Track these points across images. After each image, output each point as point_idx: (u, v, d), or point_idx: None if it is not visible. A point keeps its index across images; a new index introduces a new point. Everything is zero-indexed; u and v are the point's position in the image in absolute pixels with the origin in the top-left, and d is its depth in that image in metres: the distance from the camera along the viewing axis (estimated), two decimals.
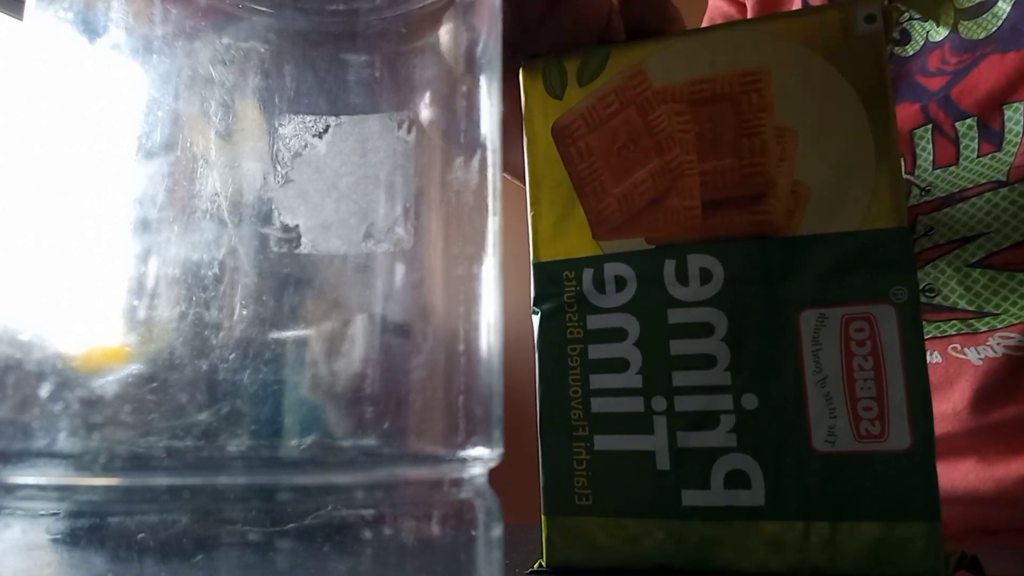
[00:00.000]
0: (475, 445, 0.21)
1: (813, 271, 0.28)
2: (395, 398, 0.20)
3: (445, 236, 0.22)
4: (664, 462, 0.29)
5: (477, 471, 0.21)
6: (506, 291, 0.23)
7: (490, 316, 0.22)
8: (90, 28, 0.20)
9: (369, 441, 0.19)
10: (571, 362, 0.31)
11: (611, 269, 0.31)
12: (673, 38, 0.32)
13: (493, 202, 0.23)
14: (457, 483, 0.20)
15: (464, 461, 0.21)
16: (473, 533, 0.20)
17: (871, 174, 0.28)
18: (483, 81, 0.24)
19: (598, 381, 0.30)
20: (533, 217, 0.33)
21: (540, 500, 0.30)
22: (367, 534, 0.18)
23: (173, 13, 0.20)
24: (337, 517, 0.18)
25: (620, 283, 0.31)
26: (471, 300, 0.22)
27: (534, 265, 0.32)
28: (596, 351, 0.30)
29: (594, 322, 0.31)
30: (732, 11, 0.62)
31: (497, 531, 0.21)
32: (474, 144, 0.23)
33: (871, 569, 0.26)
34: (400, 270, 0.21)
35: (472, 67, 0.24)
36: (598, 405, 0.30)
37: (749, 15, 0.59)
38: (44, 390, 0.18)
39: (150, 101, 0.20)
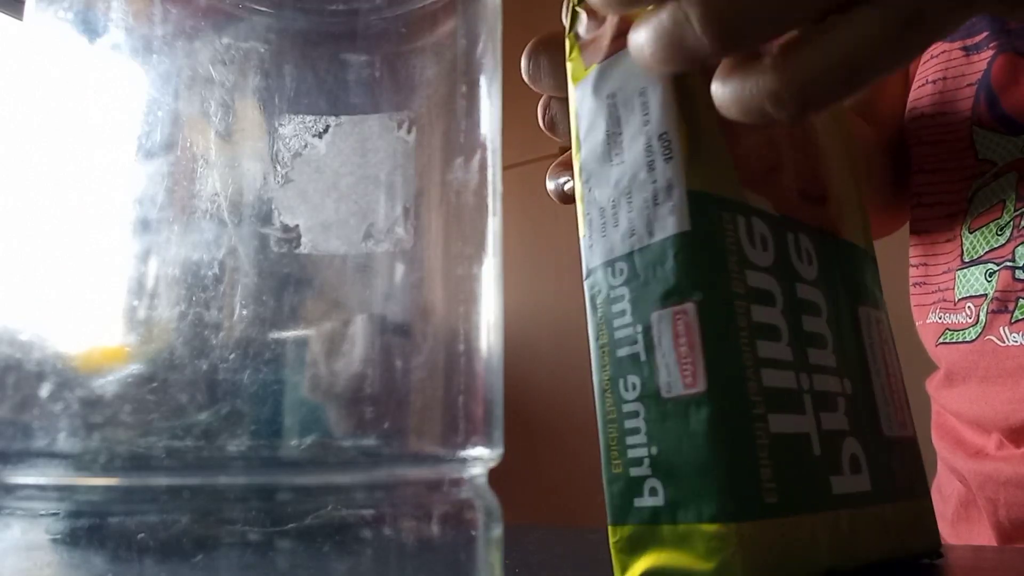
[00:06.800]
0: (475, 445, 0.21)
1: (857, 273, 0.31)
2: (395, 398, 0.20)
3: (445, 236, 0.22)
4: (816, 446, 0.25)
5: (477, 471, 0.21)
6: (506, 291, 0.23)
7: (490, 316, 0.22)
8: (90, 28, 0.20)
9: (369, 441, 0.19)
10: (740, 322, 0.24)
11: (757, 225, 0.26)
12: None
13: (493, 202, 0.23)
14: (457, 483, 0.20)
15: (464, 461, 0.21)
16: (473, 533, 0.20)
17: (857, 202, 0.33)
18: (483, 81, 0.24)
19: (764, 349, 0.24)
20: (681, 132, 0.25)
21: (702, 500, 0.22)
22: (367, 534, 0.18)
23: (173, 13, 0.20)
24: (337, 517, 0.18)
25: (764, 242, 0.26)
26: (471, 300, 0.22)
27: (690, 192, 0.25)
28: (758, 313, 0.25)
29: (752, 279, 0.25)
30: None
31: (497, 531, 0.21)
32: (474, 144, 0.23)
33: (919, 545, 0.28)
34: (400, 270, 0.21)
35: (472, 67, 0.24)
36: (768, 378, 0.24)
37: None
38: (44, 390, 0.18)
39: (150, 101, 0.20)
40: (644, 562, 0.23)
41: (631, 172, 0.26)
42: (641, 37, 0.24)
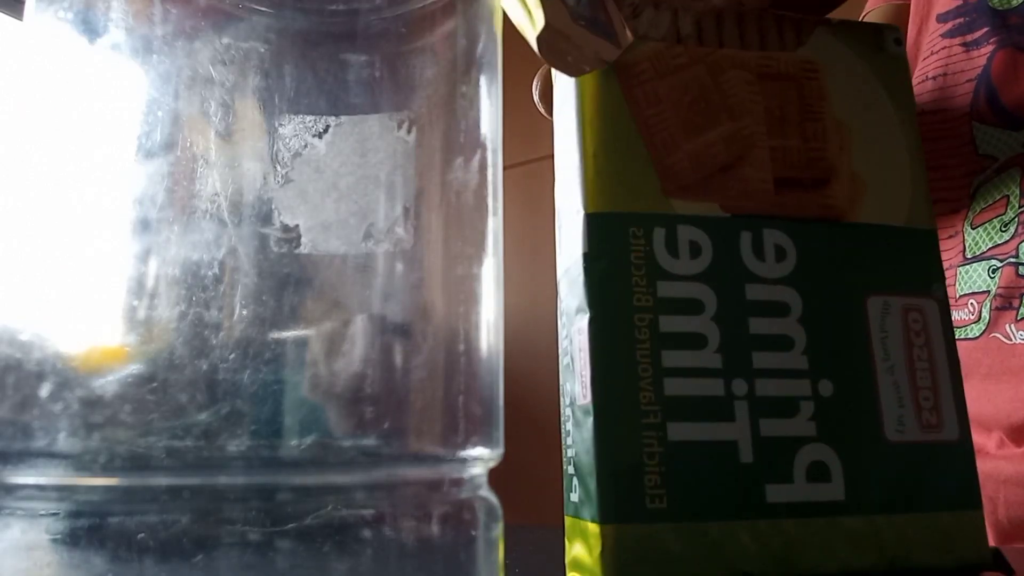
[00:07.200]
0: (475, 445, 0.21)
1: (875, 259, 0.29)
2: (395, 398, 0.20)
3: (445, 236, 0.22)
4: (747, 453, 0.25)
5: (477, 471, 0.21)
6: (506, 291, 0.23)
7: (490, 316, 0.22)
8: (90, 28, 0.20)
9: (369, 441, 0.19)
10: (639, 334, 0.26)
11: (685, 232, 0.27)
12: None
13: (493, 202, 0.23)
14: (457, 483, 0.20)
15: (464, 461, 0.21)
16: (473, 533, 0.20)
17: (908, 175, 0.30)
18: (483, 81, 0.24)
19: (672, 359, 0.26)
20: (587, 158, 0.28)
21: (589, 504, 0.25)
22: (367, 534, 0.18)
23: (173, 13, 0.20)
24: (337, 517, 0.18)
25: (695, 249, 0.27)
26: (471, 300, 0.22)
27: (588, 216, 0.27)
28: (669, 323, 0.26)
29: (666, 289, 0.26)
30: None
31: (497, 531, 0.21)
32: (474, 144, 0.23)
33: (940, 560, 0.26)
34: (400, 270, 0.21)
35: (472, 67, 0.24)
36: (673, 387, 0.25)
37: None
38: (44, 390, 0.18)
39: (150, 101, 0.20)
40: (572, 550, 0.26)
41: (569, 192, 0.28)
42: None
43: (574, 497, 0.26)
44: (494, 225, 0.23)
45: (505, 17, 0.27)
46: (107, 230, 0.19)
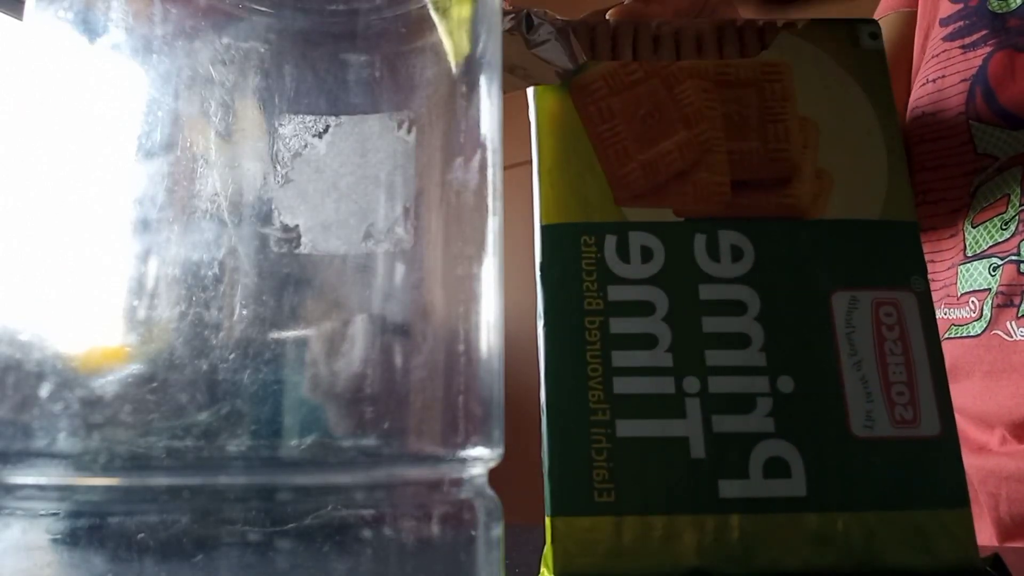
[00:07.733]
0: (475, 445, 0.21)
1: (842, 254, 0.29)
2: (395, 398, 0.20)
3: (445, 236, 0.22)
4: (699, 449, 0.26)
5: (477, 471, 0.21)
6: (506, 291, 0.23)
7: (490, 316, 0.22)
8: (90, 28, 0.20)
9: (369, 441, 0.19)
10: (589, 336, 0.27)
11: (637, 238, 0.28)
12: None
13: (493, 202, 0.23)
14: (457, 483, 0.20)
15: (464, 461, 0.21)
16: (473, 533, 0.20)
17: (884, 168, 0.30)
18: (483, 81, 0.24)
19: (622, 358, 0.27)
20: (543, 173, 0.29)
21: (546, 499, 0.26)
22: (367, 534, 0.18)
23: (173, 13, 0.20)
24: (337, 517, 0.18)
25: (647, 254, 0.28)
26: (471, 300, 0.22)
27: (542, 227, 0.29)
28: (619, 325, 0.27)
29: (617, 293, 0.27)
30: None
31: (497, 531, 0.21)
32: (474, 144, 0.23)
33: (913, 560, 0.25)
34: (400, 270, 0.21)
35: (472, 67, 0.24)
36: (622, 386, 0.26)
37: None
38: (44, 390, 0.18)
39: (150, 101, 0.20)
40: (549, 536, 0.27)
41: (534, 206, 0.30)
42: None
43: (546, 496, 0.27)
44: (494, 225, 0.23)
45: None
46: (107, 230, 0.19)
